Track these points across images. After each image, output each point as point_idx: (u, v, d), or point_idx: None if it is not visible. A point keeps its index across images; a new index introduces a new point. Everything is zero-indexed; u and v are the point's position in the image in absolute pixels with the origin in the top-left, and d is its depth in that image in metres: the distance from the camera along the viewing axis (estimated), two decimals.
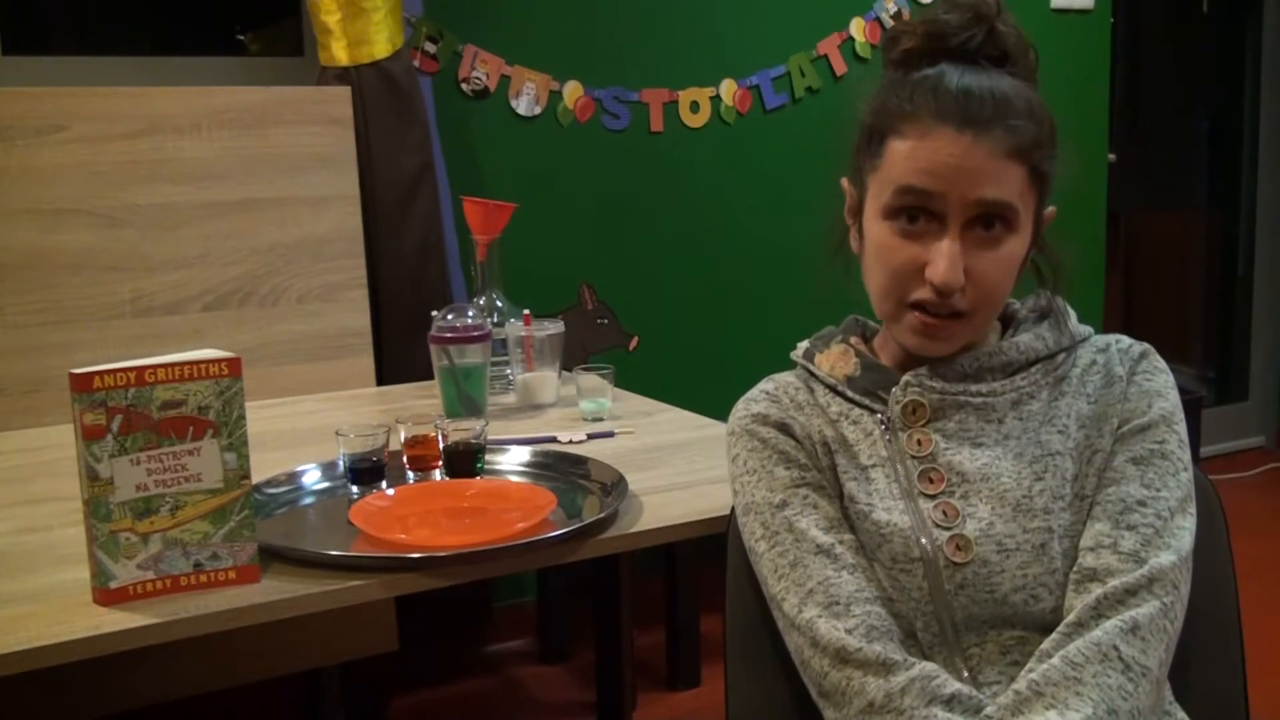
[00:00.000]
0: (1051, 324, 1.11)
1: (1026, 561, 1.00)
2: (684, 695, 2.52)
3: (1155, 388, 1.07)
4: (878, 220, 1.06)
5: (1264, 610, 2.54)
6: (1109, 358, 1.10)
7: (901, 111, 1.03)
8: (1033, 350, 1.09)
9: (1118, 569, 0.98)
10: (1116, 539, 0.99)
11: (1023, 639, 1.00)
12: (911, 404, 1.07)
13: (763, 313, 2.94)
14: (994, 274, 1.04)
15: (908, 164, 1.02)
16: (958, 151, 1.00)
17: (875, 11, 3.00)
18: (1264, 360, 4.27)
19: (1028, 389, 1.07)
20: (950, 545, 1.01)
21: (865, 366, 1.12)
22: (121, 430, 1.11)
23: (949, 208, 1.01)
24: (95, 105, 2.05)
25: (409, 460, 1.53)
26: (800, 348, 1.19)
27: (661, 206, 2.80)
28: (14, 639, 1.06)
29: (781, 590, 1.04)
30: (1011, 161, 1.01)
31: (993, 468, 1.04)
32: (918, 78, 1.04)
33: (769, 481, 1.09)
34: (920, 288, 1.04)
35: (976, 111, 1.00)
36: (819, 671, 1.00)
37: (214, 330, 2.13)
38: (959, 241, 1.01)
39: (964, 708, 0.94)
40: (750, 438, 1.11)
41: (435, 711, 2.47)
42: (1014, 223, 1.03)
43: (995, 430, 1.06)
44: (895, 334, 1.09)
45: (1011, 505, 1.02)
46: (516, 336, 1.98)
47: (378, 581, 1.20)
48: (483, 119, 2.58)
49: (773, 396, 1.14)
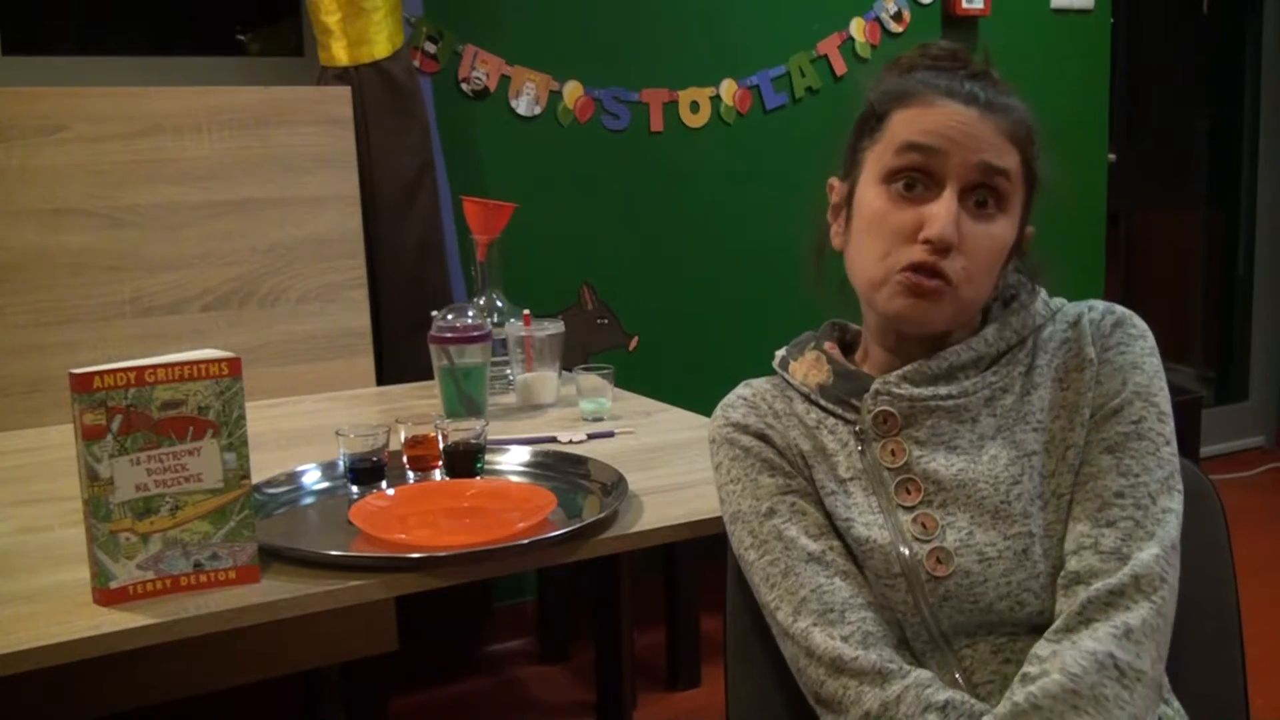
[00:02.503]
0: (1016, 307, 1.09)
1: (1009, 569, 0.99)
2: (684, 695, 2.52)
3: (1129, 360, 1.04)
4: (874, 186, 1.06)
5: (1264, 610, 2.54)
6: (1079, 334, 1.07)
7: (909, 90, 1.05)
8: (1001, 340, 1.07)
9: (1100, 569, 0.96)
10: (1097, 538, 0.98)
11: (1013, 637, 1.00)
12: (882, 414, 1.06)
13: (763, 313, 2.94)
14: (985, 247, 1.03)
15: (912, 125, 1.04)
16: (963, 119, 1.02)
17: (875, 11, 3.00)
18: (1264, 360, 4.26)
19: (1000, 384, 1.06)
20: (930, 559, 1.00)
21: (838, 374, 1.11)
22: (121, 430, 1.11)
23: (949, 169, 1.02)
24: (95, 105, 2.05)
25: (409, 460, 1.53)
26: (778, 355, 1.18)
27: (661, 207, 2.80)
28: (14, 639, 1.06)
29: (774, 599, 1.04)
30: (1010, 144, 1.03)
31: (968, 473, 1.02)
32: (923, 72, 1.07)
33: (754, 490, 1.08)
34: (913, 250, 1.02)
35: (979, 96, 1.03)
36: (815, 680, 1.00)
37: (214, 330, 2.13)
38: (956, 203, 1.02)
39: (959, 713, 0.94)
40: (731, 446, 1.11)
41: (435, 711, 2.47)
42: (1006, 203, 1.04)
43: (970, 431, 1.04)
44: (879, 303, 1.06)
45: (990, 512, 1.00)
46: (516, 336, 1.98)
47: (378, 581, 1.20)
48: (483, 119, 2.58)
49: (750, 403, 1.13)
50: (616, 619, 1.97)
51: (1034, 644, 0.98)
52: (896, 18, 3.02)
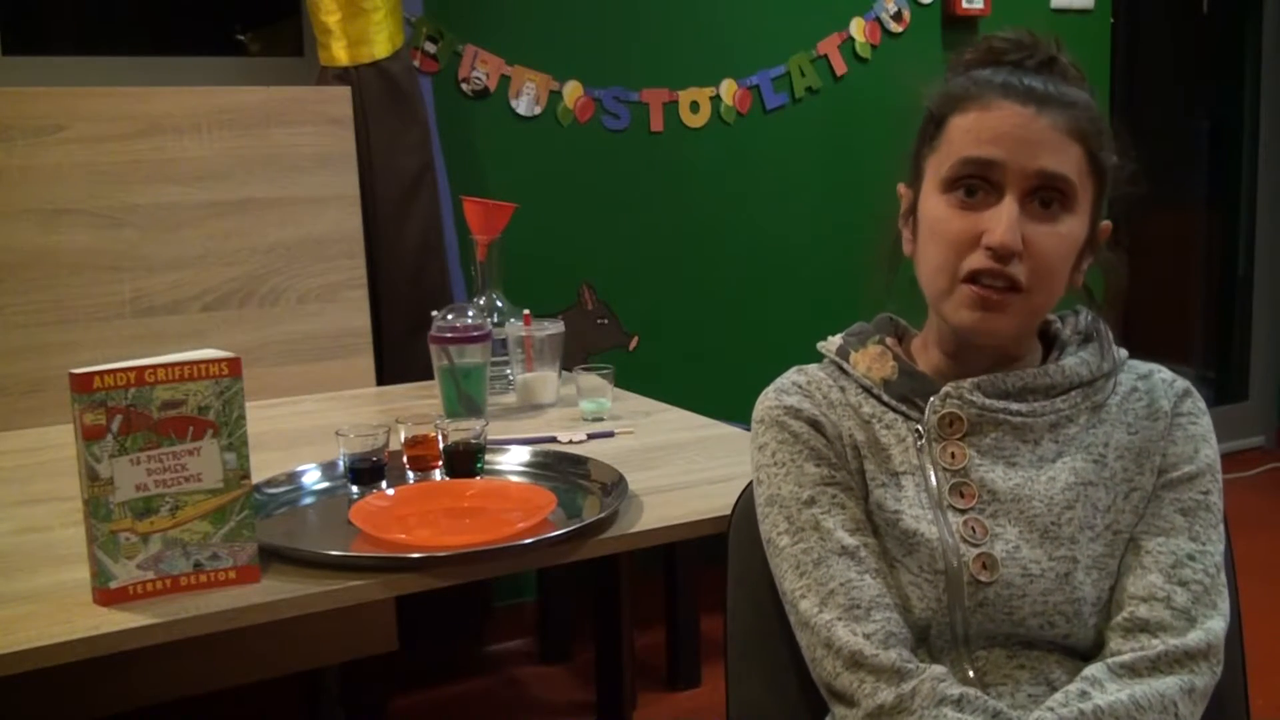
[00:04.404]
0: (1094, 350, 1.10)
1: (1049, 589, 1.00)
2: (684, 695, 2.52)
3: (1200, 432, 1.07)
4: (935, 195, 1.05)
5: (1264, 610, 2.54)
6: (1151, 386, 1.09)
7: (965, 93, 1.04)
8: (1076, 375, 1.08)
9: (1171, 625, 0.99)
10: (1170, 594, 1.00)
11: (1029, 645, 1.01)
12: (949, 416, 1.06)
13: (763, 312, 2.94)
14: (1051, 249, 1.02)
15: (969, 136, 1.03)
16: (1020, 122, 1.01)
17: (875, 11, 3.00)
18: (1264, 360, 4.26)
19: (1067, 412, 1.06)
20: (977, 563, 1.01)
21: (903, 371, 1.11)
22: (121, 430, 1.11)
23: (1008, 177, 1.01)
24: (95, 105, 2.05)
25: (409, 460, 1.53)
26: (832, 342, 1.16)
27: (661, 207, 2.80)
28: (14, 639, 1.06)
29: (801, 588, 1.04)
30: (1071, 140, 1.02)
31: (1024, 490, 1.03)
32: (981, 71, 1.06)
33: (798, 476, 1.07)
34: (976, 257, 1.02)
35: (1038, 90, 1.02)
36: (831, 672, 1.00)
37: (214, 330, 2.13)
38: (1017, 208, 1.01)
39: (973, 707, 0.95)
40: (781, 429, 1.10)
41: (435, 711, 2.47)
42: (1071, 202, 1.03)
43: (1030, 452, 1.05)
44: (948, 313, 1.05)
45: (1040, 531, 1.01)
46: (516, 336, 1.98)
47: (378, 581, 1.20)
48: (483, 119, 2.58)
49: (805, 390, 1.12)
50: (616, 619, 1.97)
51: (1050, 654, 1.00)
52: (896, 18, 3.02)
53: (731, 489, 1.25)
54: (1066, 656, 1.01)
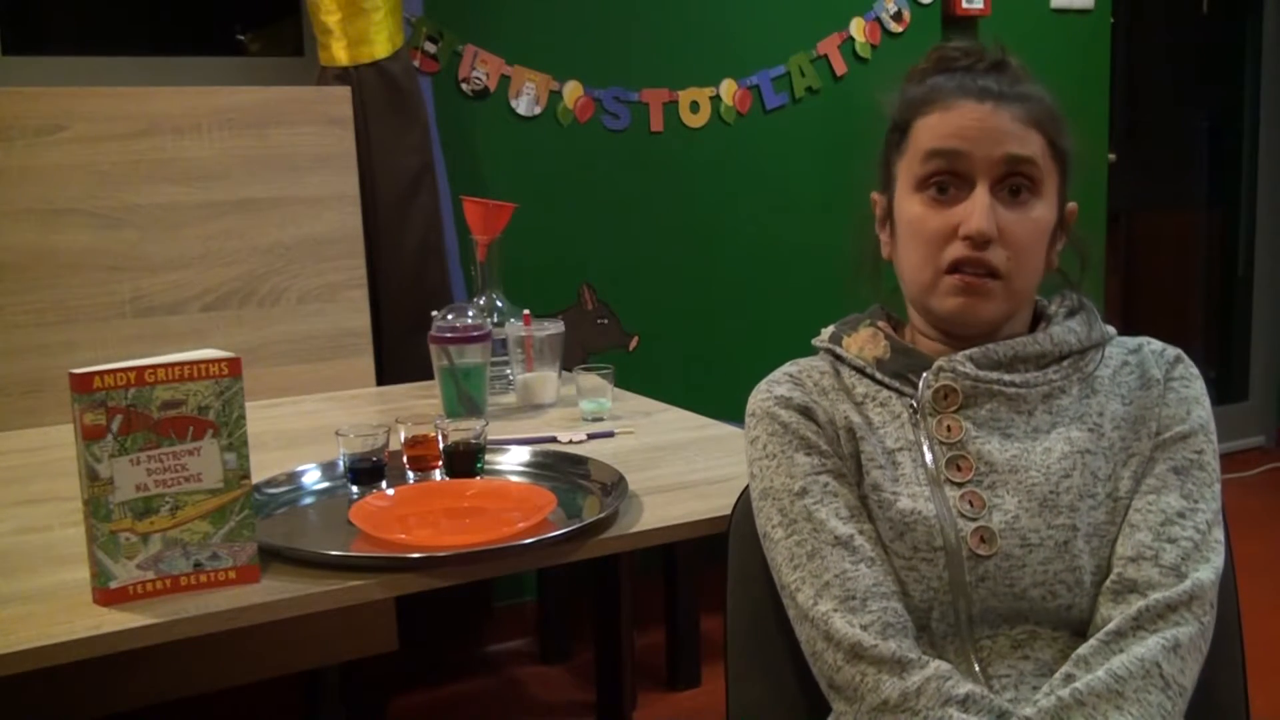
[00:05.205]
0: (1081, 320, 1.12)
1: (1049, 558, 1.00)
2: (684, 695, 2.52)
3: (1193, 394, 1.08)
4: (909, 196, 1.09)
5: (1264, 610, 2.54)
6: (1142, 359, 1.11)
7: (925, 98, 1.09)
8: (1065, 344, 1.09)
9: (1159, 582, 0.99)
10: (1158, 551, 1.00)
11: (1034, 634, 1.01)
12: (944, 389, 1.07)
13: (763, 312, 2.94)
14: (1025, 234, 1.06)
15: (934, 133, 1.07)
16: (980, 116, 1.05)
17: (875, 11, 3.00)
18: (1264, 360, 4.27)
19: (1059, 383, 1.08)
20: (975, 537, 1.01)
21: (896, 349, 1.12)
22: (121, 430, 1.11)
23: (976, 167, 1.05)
24: (95, 105, 2.05)
25: (409, 460, 1.53)
26: (825, 333, 1.18)
27: (661, 207, 2.80)
28: (14, 639, 1.06)
29: (797, 580, 1.04)
30: (1030, 129, 1.06)
31: (1021, 460, 1.04)
32: (936, 78, 1.11)
33: (789, 468, 1.08)
34: (955, 248, 1.05)
35: (993, 89, 1.06)
36: (832, 665, 1.00)
37: (214, 330, 2.13)
38: (989, 197, 1.04)
39: (979, 708, 0.94)
40: (771, 421, 1.10)
41: (435, 711, 2.47)
42: (1039, 187, 1.06)
43: (1025, 422, 1.06)
44: (934, 305, 1.08)
45: (1038, 500, 1.02)
46: (516, 336, 1.98)
47: (378, 581, 1.20)
48: (483, 119, 2.58)
49: (796, 380, 1.13)
50: (616, 619, 1.97)
51: (1055, 642, 1.00)
52: (896, 18, 3.02)
53: (731, 489, 1.25)
54: (1072, 645, 1.01)
